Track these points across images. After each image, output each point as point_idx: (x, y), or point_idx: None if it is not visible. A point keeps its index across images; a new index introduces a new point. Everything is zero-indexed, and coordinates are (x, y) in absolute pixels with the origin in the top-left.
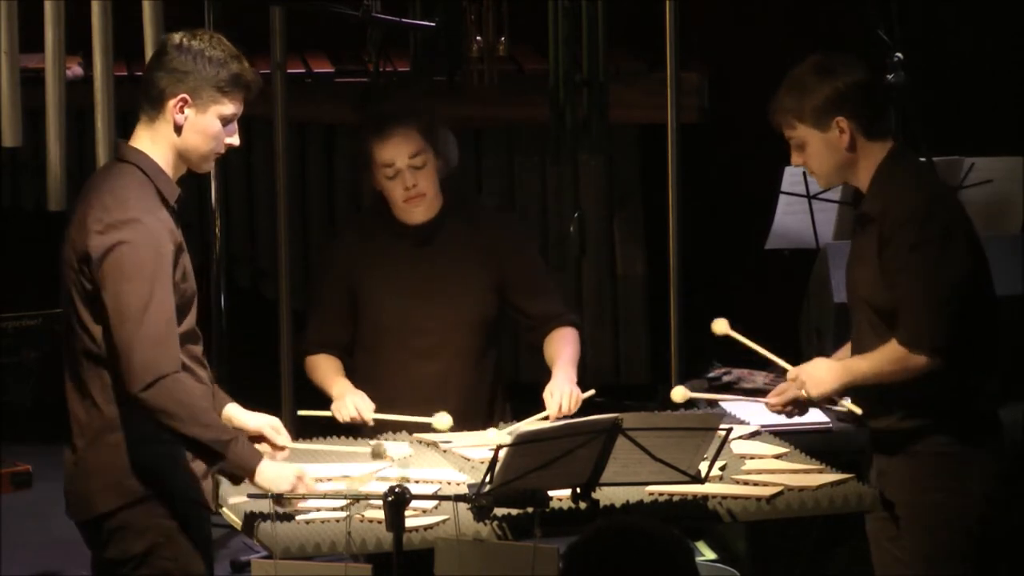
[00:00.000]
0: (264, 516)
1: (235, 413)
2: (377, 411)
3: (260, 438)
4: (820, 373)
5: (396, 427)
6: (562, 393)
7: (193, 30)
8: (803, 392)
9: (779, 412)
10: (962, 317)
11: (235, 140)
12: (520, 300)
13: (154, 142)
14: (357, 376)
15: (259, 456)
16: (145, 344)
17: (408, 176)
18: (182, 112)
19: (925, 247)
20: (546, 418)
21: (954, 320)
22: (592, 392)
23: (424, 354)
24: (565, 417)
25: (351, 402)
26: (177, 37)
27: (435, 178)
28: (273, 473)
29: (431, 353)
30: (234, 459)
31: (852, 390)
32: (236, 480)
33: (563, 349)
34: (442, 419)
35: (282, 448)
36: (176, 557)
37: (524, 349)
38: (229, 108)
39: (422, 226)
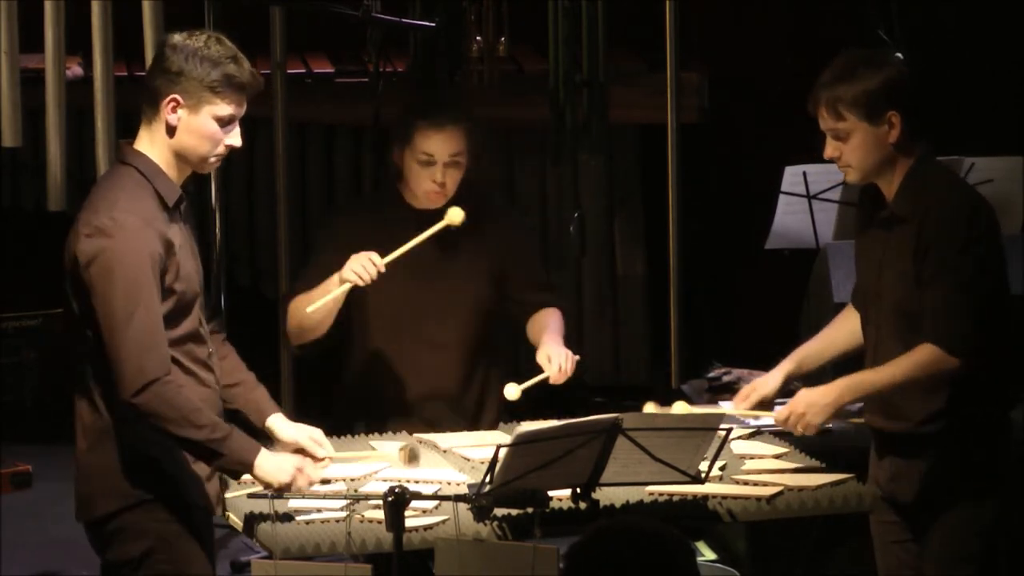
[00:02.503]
0: (264, 516)
1: (276, 425)
2: (370, 406)
3: (301, 451)
4: (818, 399)
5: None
6: (559, 355)
7: (194, 31)
8: (806, 425)
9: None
10: (996, 321)
11: (236, 141)
12: (515, 289)
13: (152, 143)
14: (356, 366)
15: (257, 449)
16: (133, 350)
17: (441, 172)
18: (174, 113)
19: (974, 248)
20: (547, 379)
21: (991, 324)
22: (579, 357)
23: (423, 340)
24: (558, 421)
25: (359, 262)
26: (176, 37)
27: (460, 178)
28: (272, 465)
29: (430, 339)
30: (231, 455)
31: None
32: (236, 475)
33: (549, 322)
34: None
35: (321, 459)
36: (174, 560)
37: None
38: (224, 109)
39: (430, 212)
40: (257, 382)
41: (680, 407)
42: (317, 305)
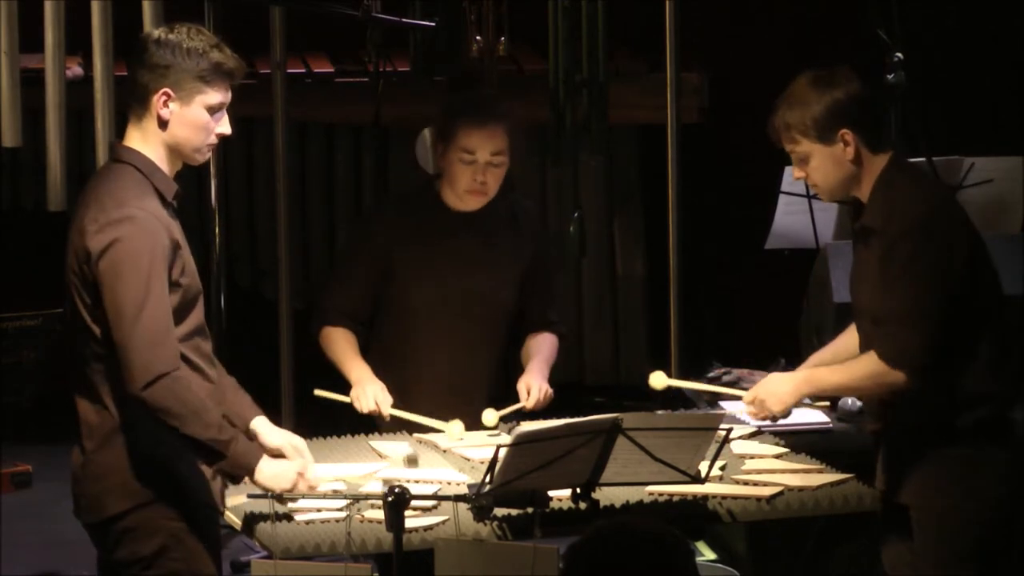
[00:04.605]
0: (264, 516)
1: (260, 428)
2: (393, 406)
3: (281, 456)
4: (777, 388)
5: (408, 426)
6: (537, 390)
7: (171, 24)
8: (766, 412)
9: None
10: (954, 332)
11: (226, 129)
12: (525, 299)
13: (145, 140)
14: (379, 362)
15: (259, 455)
16: (142, 343)
17: (482, 171)
18: (166, 107)
19: (923, 261)
20: (521, 409)
21: (941, 338)
22: (552, 392)
23: (455, 340)
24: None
25: (371, 393)
26: (156, 32)
27: (502, 180)
28: (273, 471)
29: (462, 339)
30: (233, 458)
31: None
32: (235, 480)
33: (542, 349)
34: (455, 428)
35: None
36: (185, 558)
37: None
38: (214, 97)
39: (469, 214)
40: (238, 386)
41: (658, 378)
42: (323, 394)
